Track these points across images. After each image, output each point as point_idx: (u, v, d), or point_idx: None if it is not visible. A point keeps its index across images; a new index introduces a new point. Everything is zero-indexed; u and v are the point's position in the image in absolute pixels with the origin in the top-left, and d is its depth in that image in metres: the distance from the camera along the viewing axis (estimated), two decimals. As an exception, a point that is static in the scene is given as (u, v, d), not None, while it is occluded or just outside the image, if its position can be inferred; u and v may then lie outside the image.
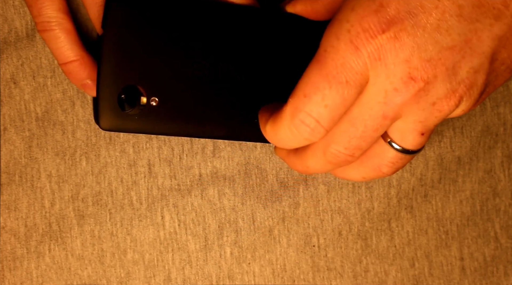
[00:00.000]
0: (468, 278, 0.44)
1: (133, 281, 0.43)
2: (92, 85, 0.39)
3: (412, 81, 0.29)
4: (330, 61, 0.29)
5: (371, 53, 0.29)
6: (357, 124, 0.31)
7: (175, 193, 0.43)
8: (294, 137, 0.31)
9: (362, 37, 0.29)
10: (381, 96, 0.30)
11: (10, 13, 0.42)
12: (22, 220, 0.43)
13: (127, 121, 0.36)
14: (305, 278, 0.44)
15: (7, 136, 0.43)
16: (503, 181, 0.44)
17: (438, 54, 0.29)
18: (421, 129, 0.31)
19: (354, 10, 0.29)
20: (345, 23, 0.29)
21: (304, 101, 0.30)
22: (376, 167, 0.33)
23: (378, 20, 0.29)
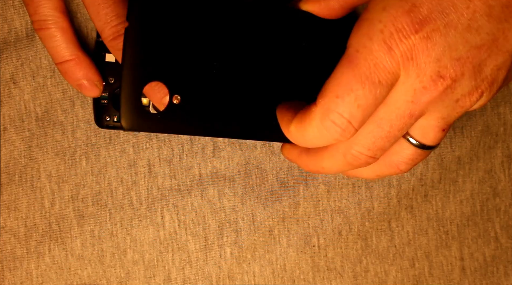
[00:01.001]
0: (468, 278, 0.44)
1: (133, 281, 0.43)
2: (88, 85, 0.39)
3: (441, 79, 0.29)
4: (363, 61, 0.29)
5: (404, 53, 0.29)
6: (383, 125, 0.31)
7: (175, 193, 0.43)
8: (322, 138, 0.31)
9: (395, 37, 0.29)
10: (409, 95, 0.30)
11: (10, 13, 0.42)
12: (22, 220, 0.43)
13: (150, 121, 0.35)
14: (305, 278, 0.44)
15: (7, 136, 0.43)
16: (503, 181, 0.44)
17: (467, 53, 0.29)
18: (443, 126, 0.32)
19: (386, 10, 0.29)
20: (378, 23, 0.29)
21: (336, 102, 0.30)
22: (393, 164, 0.33)
23: (411, 20, 0.29)
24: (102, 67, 0.41)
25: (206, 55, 0.35)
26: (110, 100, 0.41)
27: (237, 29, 0.36)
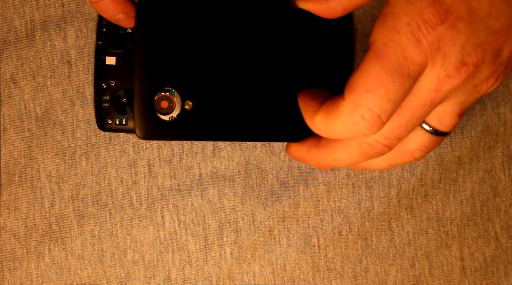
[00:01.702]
0: (468, 278, 0.44)
1: (133, 281, 0.43)
2: (125, 18, 0.39)
3: (464, 66, 0.30)
4: (392, 55, 0.29)
5: (432, 44, 0.29)
6: (403, 114, 0.31)
7: (175, 193, 0.43)
8: (349, 131, 0.31)
9: (423, 29, 0.29)
10: (433, 84, 0.30)
11: (9, 13, 0.42)
12: (22, 220, 0.43)
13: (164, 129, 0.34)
14: (305, 278, 0.44)
15: (7, 136, 0.43)
16: (503, 181, 0.44)
17: (487, 39, 0.29)
18: (459, 111, 0.32)
19: (410, 3, 0.29)
20: (404, 16, 0.29)
21: (366, 97, 0.30)
22: (407, 152, 0.34)
23: (436, 11, 0.29)
24: (103, 70, 0.41)
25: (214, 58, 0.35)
26: (111, 103, 0.41)
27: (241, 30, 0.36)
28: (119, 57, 0.41)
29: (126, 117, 0.41)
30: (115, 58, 0.41)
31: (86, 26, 0.42)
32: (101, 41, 0.41)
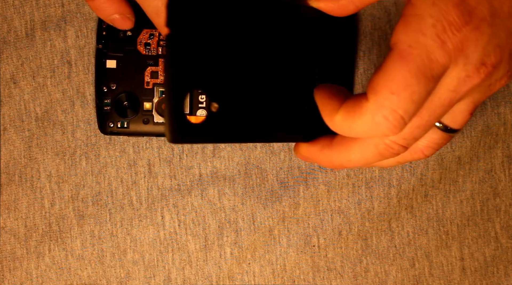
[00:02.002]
0: (468, 278, 0.44)
1: (133, 281, 0.43)
2: (121, 19, 0.39)
3: (483, 67, 0.30)
4: (417, 57, 0.29)
5: (456, 45, 0.29)
6: (423, 114, 0.31)
7: (175, 193, 0.43)
8: (370, 132, 0.31)
9: (448, 31, 0.29)
10: (452, 85, 0.30)
11: (9, 13, 0.42)
12: (22, 220, 0.43)
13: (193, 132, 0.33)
14: (305, 278, 0.44)
15: (7, 136, 0.43)
16: (503, 181, 0.44)
17: (506, 39, 0.30)
18: (472, 109, 0.32)
19: (436, 4, 0.30)
20: (429, 18, 0.29)
21: (391, 98, 0.30)
22: (418, 150, 0.34)
23: (461, 13, 0.29)
24: (103, 74, 0.41)
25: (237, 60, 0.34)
26: (113, 106, 0.41)
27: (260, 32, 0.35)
28: (120, 61, 0.41)
29: (127, 120, 0.41)
30: (116, 61, 0.41)
31: (86, 26, 0.42)
32: (101, 45, 0.41)
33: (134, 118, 0.41)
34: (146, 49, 0.41)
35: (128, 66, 0.41)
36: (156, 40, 0.41)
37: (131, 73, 0.41)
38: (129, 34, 0.41)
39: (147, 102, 0.41)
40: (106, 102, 0.41)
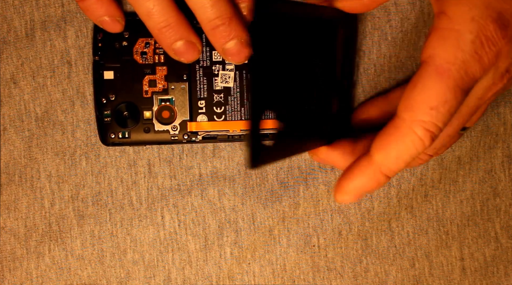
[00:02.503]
0: (468, 278, 0.44)
1: (133, 281, 0.43)
2: (111, 21, 0.39)
3: (507, 74, 0.31)
4: (456, 73, 0.30)
5: (491, 59, 0.30)
6: (453, 123, 0.32)
7: (175, 193, 0.43)
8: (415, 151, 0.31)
9: (485, 46, 0.30)
10: (480, 93, 0.31)
11: (9, 13, 0.42)
12: (22, 220, 0.43)
13: (268, 154, 0.33)
14: (305, 278, 0.44)
15: (7, 136, 0.43)
16: (503, 181, 0.44)
17: None
18: (485, 109, 0.33)
19: (474, 20, 0.30)
20: (468, 34, 0.30)
21: (431, 114, 0.30)
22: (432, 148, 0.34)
23: (499, 27, 0.30)
24: (102, 86, 0.41)
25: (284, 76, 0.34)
26: (113, 117, 0.41)
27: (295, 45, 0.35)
28: (117, 71, 0.41)
29: (128, 130, 0.41)
30: (113, 72, 0.41)
31: (86, 26, 0.42)
32: (98, 57, 0.41)
33: (135, 128, 0.41)
34: (142, 58, 0.41)
35: (126, 76, 0.41)
36: (152, 49, 0.41)
37: (129, 83, 0.41)
38: (125, 44, 0.41)
39: (147, 111, 0.41)
40: (106, 113, 0.41)
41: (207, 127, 0.41)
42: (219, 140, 0.41)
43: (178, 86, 0.41)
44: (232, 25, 0.37)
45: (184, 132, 0.41)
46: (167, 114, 0.41)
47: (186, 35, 0.38)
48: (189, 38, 0.38)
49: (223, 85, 0.41)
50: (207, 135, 0.41)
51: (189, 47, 0.38)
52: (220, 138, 0.41)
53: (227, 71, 0.41)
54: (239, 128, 0.41)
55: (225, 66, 0.41)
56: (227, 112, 0.41)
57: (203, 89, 0.41)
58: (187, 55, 0.39)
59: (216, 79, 0.41)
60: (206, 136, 0.41)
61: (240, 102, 0.41)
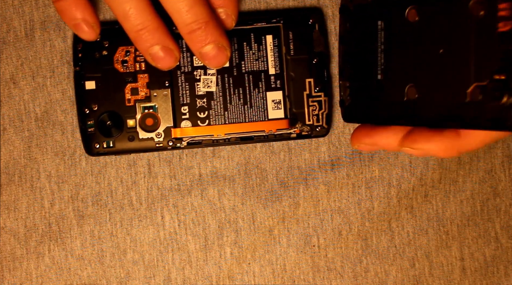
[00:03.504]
0: (468, 278, 0.44)
1: (133, 281, 0.43)
2: (86, 27, 0.38)
3: None
4: None
5: None
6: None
7: (175, 193, 0.43)
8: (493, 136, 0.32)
9: None
10: None
11: (9, 13, 0.42)
12: (22, 221, 0.43)
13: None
14: (305, 278, 0.44)
15: (7, 136, 0.43)
16: (503, 181, 0.44)
17: None
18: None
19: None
20: None
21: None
22: None
23: None
24: (84, 96, 0.41)
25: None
26: (96, 127, 0.41)
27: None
28: (98, 81, 0.41)
29: (113, 140, 0.41)
30: (95, 82, 0.41)
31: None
32: (78, 67, 0.41)
33: (119, 137, 0.41)
34: (123, 67, 0.41)
35: (108, 86, 0.41)
36: (133, 57, 0.41)
37: (111, 92, 0.41)
38: (105, 54, 0.41)
39: (130, 119, 0.41)
40: (90, 124, 0.41)
41: (191, 133, 0.41)
42: (204, 145, 0.41)
43: (161, 93, 0.41)
44: (208, 29, 0.37)
45: (169, 139, 0.41)
46: (150, 121, 0.41)
47: (163, 40, 0.38)
48: (166, 44, 0.38)
49: (205, 90, 0.41)
50: (191, 141, 0.41)
51: (166, 53, 0.38)
52: (205, 143, 0.41)
53: (209, 76, 0.41)
54: (224, 132, 0.41)
55: (207, 71, 0.41)
56: (211, 117, 0.41)
57: (185, 95, 0.41)
58: (164, 61, 0.38)
59: (198, 84, 0.41)
60: (190, 142, 0.41)
61: (223, 106, 0.41)
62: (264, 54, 0.41)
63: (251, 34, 0.41)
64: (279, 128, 0.42)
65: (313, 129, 0.42)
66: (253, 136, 0.42)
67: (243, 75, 0.41)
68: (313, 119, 0.42)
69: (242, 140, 0.41)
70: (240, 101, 0.41)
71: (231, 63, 0.41)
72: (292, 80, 0.42)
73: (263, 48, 0.41)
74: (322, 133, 0.42)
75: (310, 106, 0.42)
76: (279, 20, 0.41)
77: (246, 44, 0.41)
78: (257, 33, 0.41)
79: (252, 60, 0.41)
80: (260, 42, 0.41)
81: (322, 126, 0.42)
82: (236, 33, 0.41)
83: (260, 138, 0.41)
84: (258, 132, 0.41)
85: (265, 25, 0.41)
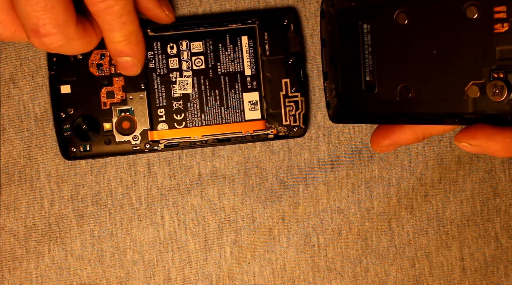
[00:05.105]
0: (468, 278, 0.44)
1: (132, 281, 0.43)
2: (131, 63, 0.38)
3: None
4: None
5: None
6: None
7: (175, 192, 0.43)
8: None
9: None
10: None
11: (8, 13, 0.42)
12: (22, 220, 0.43)
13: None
14: (305, 278, 0.44)
15: (6, 136, 0.43)
16: (503, 181, 0.44)
17: None
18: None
19: None
20: None
21: None
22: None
23: None
24: (59, 100, 0.41)
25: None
26: (72, 131, 0.41)
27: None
28: (74, 85, 0.41)
29: (89, 143, 0.41)
30: (70, 86, 0.41)
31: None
32: (54, 71, 0.41)
33: (95, 141, 0.41)
34: (99, 70, 0.41)
35: (83, 89, 0.41)
36: (108, 60, 0.41)
37: (87, 96, 0.41)
38: (80, 57, 0.41)
39: (107, 122, 0.41)
40: (66, 127, 0.41)
41: (168, 135, 0.41)
42: (181, 147, 0.41)
43: (137, 96, 0.41)
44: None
45: (146, 142, 0.41)
46: (127, 124, 0.41)
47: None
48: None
49: (181, 92, 0.41)
50: (168, 143, 0.41)
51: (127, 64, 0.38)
52: (182, 145, 0.41)
53: (184, 78, 0.41)
54: (200, 134, 0.41)
55: (183, 73, 0.41)
56: (188, 119, 0.41)
57: (161, 98, 0.41)
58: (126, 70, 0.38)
59: (174, 87, 0.41)
60: (168, 144, 0.41)
61: (200, 108, 0.41)
62: (239, 55, 0.41)
63: (227, 35, 0.41)
64: (256, 129, 0.41)
65: (290, 130, 0.42)
66: (230, 137, 0.41)
67: (219, 76, 0.41)
68: (290, 120, 0.42)
69: (219, 142, 0.41)
70: (217, 102, 0.41)
71: (207, 64, 0.41)
72: (268, 81, 0.42)
73: (239, 49, 0.41)
74: (299, 134, 0.42)
75: (287, 106, 0.42)
76: (254, 21, 0.41)
77: (222, 45, 0.41)
78: (232, 34, 0.41)
79: (228, 62, 0.41)
80: (236, 43, 0.41)
81: (299, 126, 0.42)
82: (211, 35, 0.41)
83: (237, 139, 0.41)
84: (235, 133, 0.41)
85: (240, 26, 0.41)
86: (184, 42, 0.41)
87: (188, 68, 0.41)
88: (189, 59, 0.41)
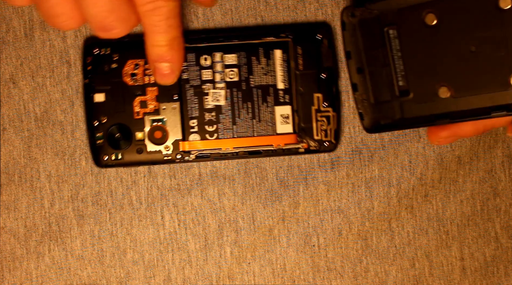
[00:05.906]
0: (468, 278, 0.44)
1: (133, 281, 0.43)
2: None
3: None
4: None
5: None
6: None
7: (175, 192, 0.43)
8: None
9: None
10: None
11: (8, 13, 0.42)
12: (22, 220, 0.43)
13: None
14: (305, 278, 0.44)
15: (6, 136, 0.43)
16: (503, 180, 0.44)
17: None
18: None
19: None
20: None
21: None
22: None
23: None
24: (93, 109, 0.41)
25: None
26: (105, 139, 0.41)
27: None
28: (108, 93, 0.41)
29: (121, 152, 0.41)
30: (104, 94, 0.41)
31: (85, 26, 0.42)
32: (88, 79, 0.41)
33: (127, 149, 0.41)
34: (132, 80, 0.41)
35: (117, 98, 0.41)
36: (142, 70, 0.41)
37: (120, 105, 0.41)
38: (114, 66, 0.41)
39: (139, 132, 0.41)
40: (99, 136, 0.41)
41: (199, 146, 0.41)
42: (212, 158, 0.42)
43: (169, 106, 0.41)
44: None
45: (177, 152, 0.41)
46: (159, 134, 0.42)
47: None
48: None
49: (214, 104, 0.41)
50: (200, 154, 0.41)
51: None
52: (213, 156, 0.41)
53: (217, 90, 0.41)
54: (232, 146, 0.41)
55: (216, 85, 0.41)
56: (219, 131, 0.41)
57: (194, 109, 0.41)
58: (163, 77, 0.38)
59: (207, 98, 0.41)
60: (199, 155, 0.41)
61: (232, 120, 0.41)
62: (272, 69, 0.41)
63: (260, 49, 0.41)
64: (287, 142, 0.42)
65: (321, 144, 0.42)
66: (261, 150, 0.42)
67: (252, 89, 0.41)
68: (321, 134, 0.42)
69: (250, 154, 0.42)
70: (249, 115, 0.41)
71: (240, 77, 0.41)
72: (300, 95, 0.42)
73: (272, 62, 0.41)
74: (330, 148, 0.42)
75: (318, 121, 0.42)
76: (288, 35, 0.41)
77: (255, 58, 0.41)
78: (266, 47, 0.41)
79: (261, 75, 0.41)
80: (269, 57, 0.41)
81: (330, 141, 0.42)
82: (245, 47, 0.41)
83: (268, 152, 0.42)
84: (266, 146, 0.42)
85: (274, 40, 0.41)
86: (217, 54, 0.41)
87: (221, 80, 0.41)
88: (223, 71, 0.41)
